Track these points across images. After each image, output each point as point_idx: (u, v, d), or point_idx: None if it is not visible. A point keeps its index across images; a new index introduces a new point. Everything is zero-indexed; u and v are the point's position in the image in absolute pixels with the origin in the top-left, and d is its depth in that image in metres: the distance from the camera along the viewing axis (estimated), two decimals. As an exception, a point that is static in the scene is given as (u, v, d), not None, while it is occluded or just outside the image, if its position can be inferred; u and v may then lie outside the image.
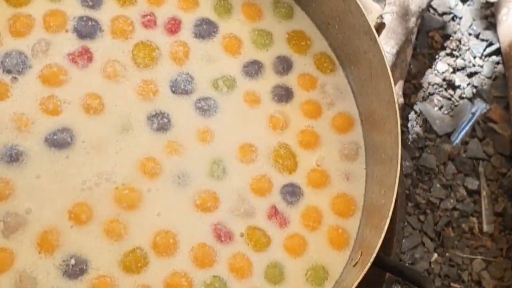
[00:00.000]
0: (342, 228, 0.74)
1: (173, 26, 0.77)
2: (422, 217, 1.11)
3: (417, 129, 1.16)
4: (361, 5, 0.74)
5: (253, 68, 0.78)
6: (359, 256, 0.69)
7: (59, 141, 0.71)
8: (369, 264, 0.64)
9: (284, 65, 0.79)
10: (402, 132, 1.08)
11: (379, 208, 0.70)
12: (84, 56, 0.74)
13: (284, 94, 0.78)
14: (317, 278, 0.71)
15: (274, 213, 0.73)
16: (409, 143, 1.15)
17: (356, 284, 0.63)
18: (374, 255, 0.64)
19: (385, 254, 0.72)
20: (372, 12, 1.01)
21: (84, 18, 0.75)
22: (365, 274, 0.63)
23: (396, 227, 0.80)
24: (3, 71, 0.71)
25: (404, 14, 1.07)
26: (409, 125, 1.16)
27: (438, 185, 1.13)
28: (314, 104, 0.78)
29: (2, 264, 0.65)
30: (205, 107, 0.75)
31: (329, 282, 0.71)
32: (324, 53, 0.81)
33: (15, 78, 0.72)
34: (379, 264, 0.66)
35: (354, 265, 0.69)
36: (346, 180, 0.76)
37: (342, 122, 0.78)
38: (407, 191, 1.10)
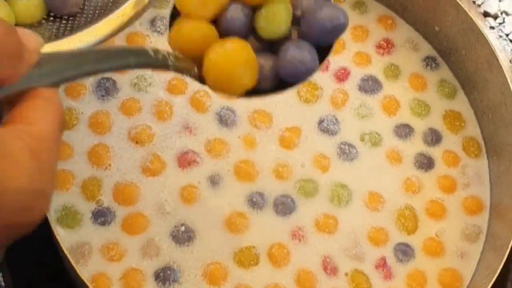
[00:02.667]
0: (442, 299, 0.77)
1: (342, 75, 0.85)
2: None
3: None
4: (516, 101, 0.78)
5: (404, 131, 0.84)
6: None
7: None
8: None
9: (433, 137, 0.84)
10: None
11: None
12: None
13: (425, 163, 0.82)
14: (405, 337, 0.75)
15: (382, 264, 0.77)
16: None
17: None
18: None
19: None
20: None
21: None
22: None
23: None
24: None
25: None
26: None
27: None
28: (451, 180, 0.82)
29: (138, 228, 0.74)
30: (346, 151, 0.81)
31: None
32: (474, 138, 0.85)
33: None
34: None
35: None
36: (460, 258, 0.79)
37: (473, 205, 0.81)
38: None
